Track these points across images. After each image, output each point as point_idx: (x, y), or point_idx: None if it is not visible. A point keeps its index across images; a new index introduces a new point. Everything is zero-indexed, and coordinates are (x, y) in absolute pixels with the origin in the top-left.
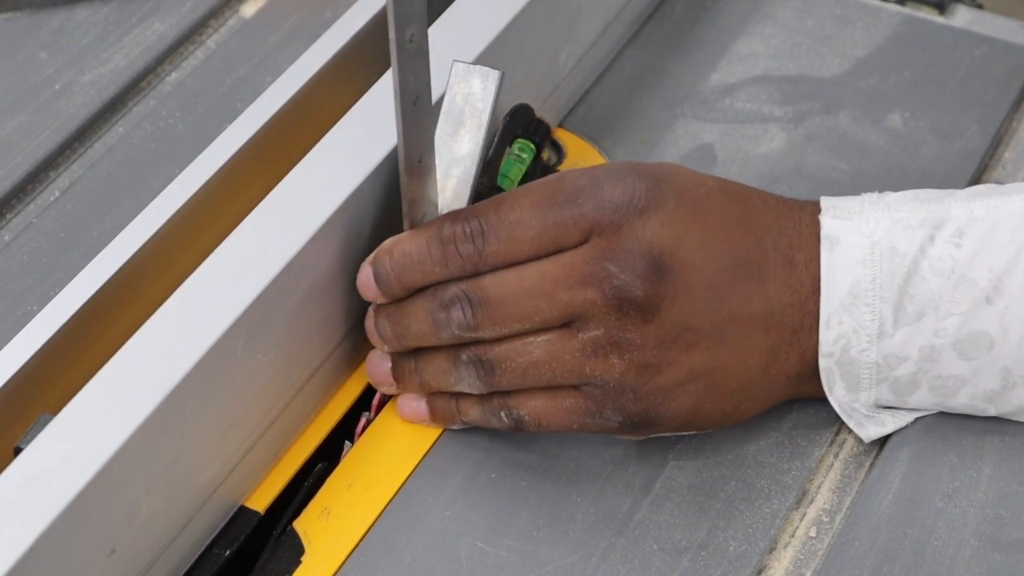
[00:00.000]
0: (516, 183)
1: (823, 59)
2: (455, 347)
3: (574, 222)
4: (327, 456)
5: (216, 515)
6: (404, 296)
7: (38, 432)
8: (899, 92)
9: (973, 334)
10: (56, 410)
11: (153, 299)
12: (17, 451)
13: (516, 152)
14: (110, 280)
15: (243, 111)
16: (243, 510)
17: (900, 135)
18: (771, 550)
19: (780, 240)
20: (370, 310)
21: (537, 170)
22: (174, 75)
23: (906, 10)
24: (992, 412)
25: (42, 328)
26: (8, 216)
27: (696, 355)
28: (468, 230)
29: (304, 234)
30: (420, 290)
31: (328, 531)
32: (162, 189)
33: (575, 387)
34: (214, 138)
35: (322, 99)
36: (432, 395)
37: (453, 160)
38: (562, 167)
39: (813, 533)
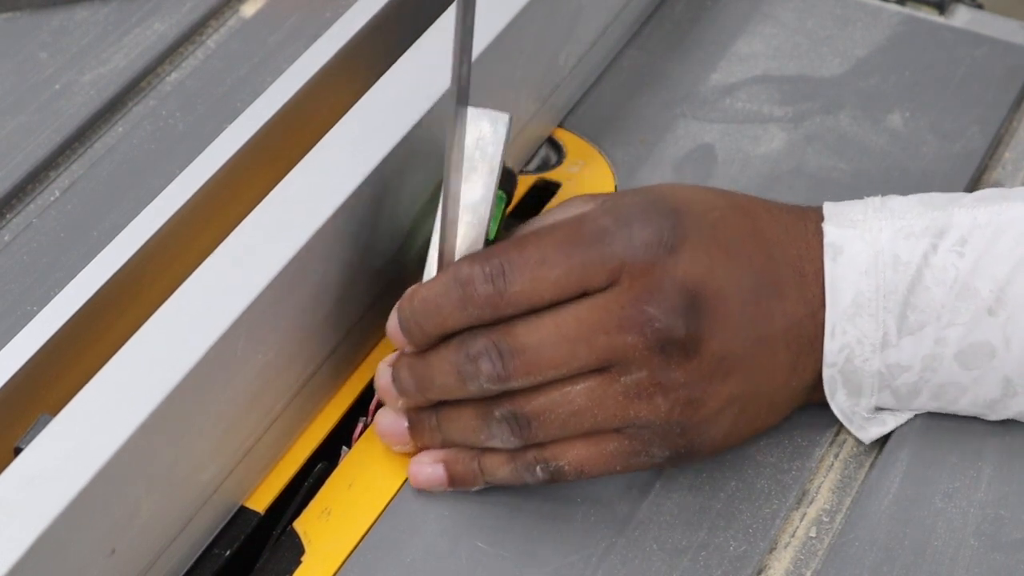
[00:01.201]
0: (496, 231)
1: (823, 59)
2: (486, 403)
3: (603, 262)
4: (327, 456)
5: (216, 515)
6: (428, 345)
7: (38, 432)
8: (899, 92)
9: (975, 344)
10: (56, 410)
11: (153, 299)
12: (17, 451)
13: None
14: (110, 280)
15: (243, 111)
16: (243, 510)
17: (900, 135)
18: (771, 550)
19: (789, 252)
20: (381, 365)
21: (505, 218)
22: (174, 75)
23: (906, 10)
24: (992, 418)
25: (42, 328)
26: (8, 216)
27: (733, 381)
28: (488, 270)
29: (304, 234)
30: (447, 339)
31: (328, 531)
32: (162, 189)
33: (616, 430)
34: (214, 138)
35: (322, 99)
36: (450, 459)
37: (466, 206)
38: (562, 167)
39: (813, 533)
